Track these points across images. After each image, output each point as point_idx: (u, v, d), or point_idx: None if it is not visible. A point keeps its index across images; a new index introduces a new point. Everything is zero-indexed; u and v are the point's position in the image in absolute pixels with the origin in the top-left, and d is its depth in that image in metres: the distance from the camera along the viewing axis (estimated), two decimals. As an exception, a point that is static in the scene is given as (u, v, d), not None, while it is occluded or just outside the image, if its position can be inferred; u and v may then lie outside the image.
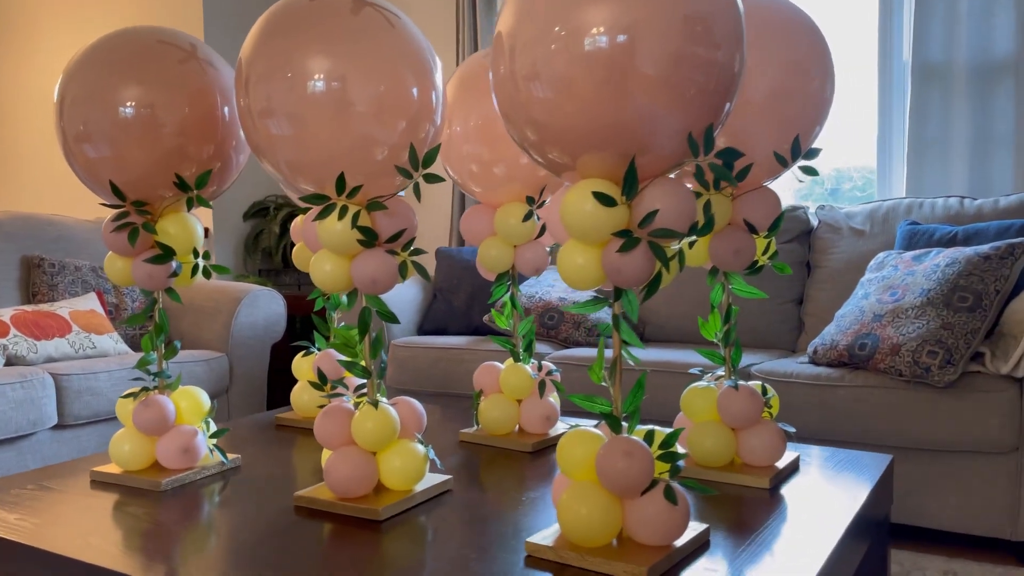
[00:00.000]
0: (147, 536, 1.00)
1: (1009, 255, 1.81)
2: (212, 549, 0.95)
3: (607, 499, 0.89)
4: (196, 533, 1.01)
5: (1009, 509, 1.76)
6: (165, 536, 1.00)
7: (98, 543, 0.98)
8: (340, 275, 1.10)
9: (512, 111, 0.94)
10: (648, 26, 0.84)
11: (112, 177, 1.20)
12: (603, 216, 0.86)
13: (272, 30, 1.08)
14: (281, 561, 0.91)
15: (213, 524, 1.04)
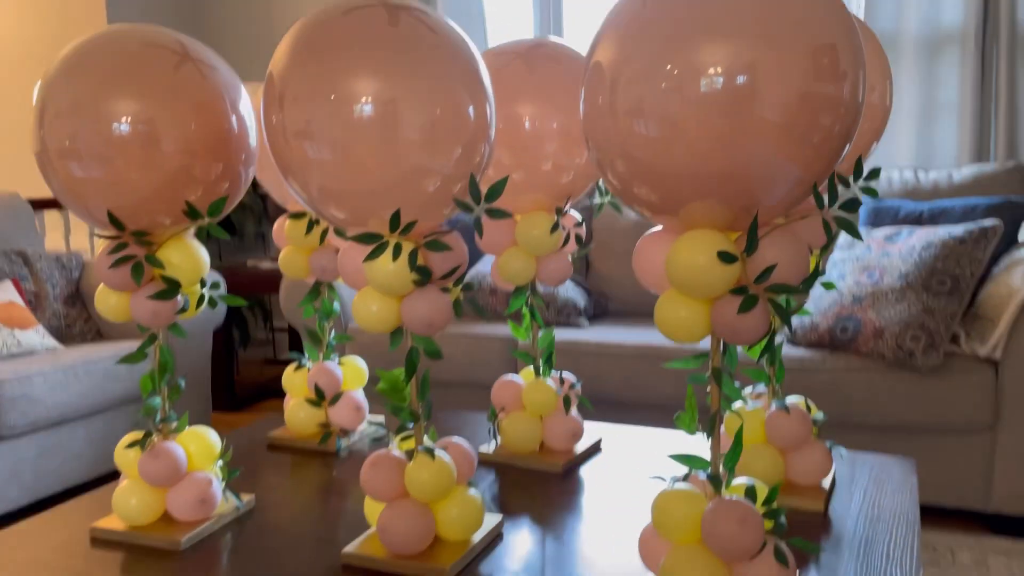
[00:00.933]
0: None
1: (982, 238, 1.86)
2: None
3: (716, 564, 0.86)
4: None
5: (984, 483, 1.85)
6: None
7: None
8: (390, 316, 1.00)
9: (605, 142, 0.86)
10: (771, 65, 0.77)
11: (106, 202, 1.04)
12: (719, 273, 0.80)
13: (310, 46, 0.94)
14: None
15: (267, 600, 0.95)
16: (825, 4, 0.80)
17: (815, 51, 0.77)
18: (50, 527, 1.17)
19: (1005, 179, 2.29)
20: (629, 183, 0.86)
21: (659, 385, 2.10)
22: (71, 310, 2.43)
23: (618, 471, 1.31)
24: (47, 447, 2.07)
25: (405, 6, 0.98)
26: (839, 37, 0.79)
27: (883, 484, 1.24)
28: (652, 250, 0.89)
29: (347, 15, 0.96)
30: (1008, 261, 1.94)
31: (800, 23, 0.78)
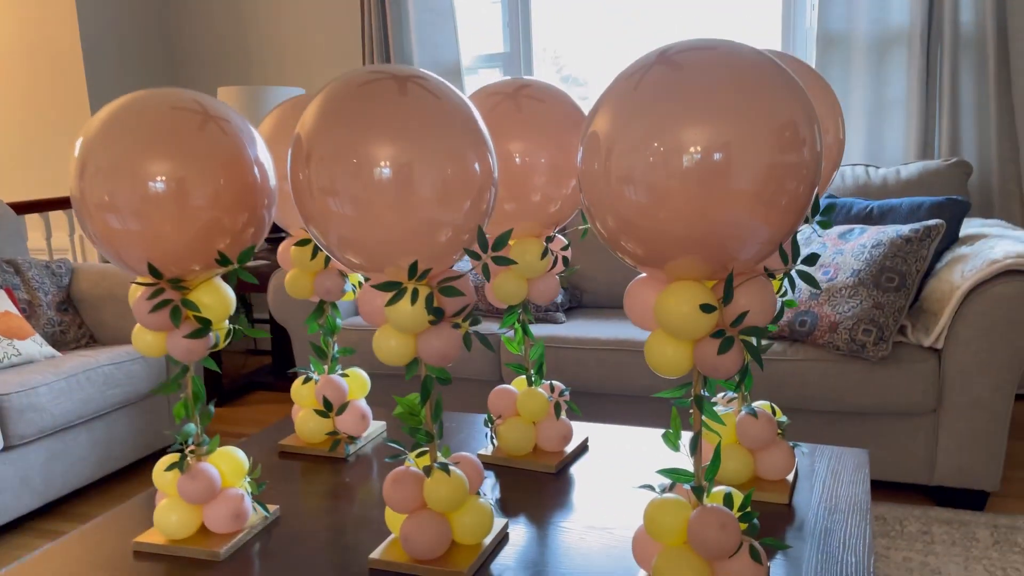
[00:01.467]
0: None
1: (926, 237, 2.03)
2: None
3: (701, 563, 1.00)
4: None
5: (927, 460, 2.04)
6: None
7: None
8: (406, 351, 1.13)
9: (598, 201, 0.98)
10: (742, 143, 0.90)
11: (141, 252, 1.14)
12: (701, 321, 0.94)
13: (333, 113, 1.05)
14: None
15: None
16: (783, 85, 0.93)
17: (779, 128, 0.91)
18: (90, 543, 1.29)
19: (948, 174, 2.47)
20: (618, 237, 0.99)
21: (635, 377, 2.26)
22: (64, 317, 2.50)
23: (605, 469, 1.46)
24: (54, 453, 2.16)
25: (410, 76, 1.09)
26: (797, 111, 0.92)
27: (839, 475, 1.40)
28: (641, 295, 1.02)
29: (362, 87, 1.07)
30: (949, 257, 2.12)
31: (765, 106, 0.91)
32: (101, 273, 2.60)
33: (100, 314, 2.56)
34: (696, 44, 0.97)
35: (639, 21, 3.37)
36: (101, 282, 2.58)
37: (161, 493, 1.29)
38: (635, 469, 1.45)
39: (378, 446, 1.63)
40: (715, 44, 0.97)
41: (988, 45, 2.60)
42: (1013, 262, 1.88)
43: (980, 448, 1.98)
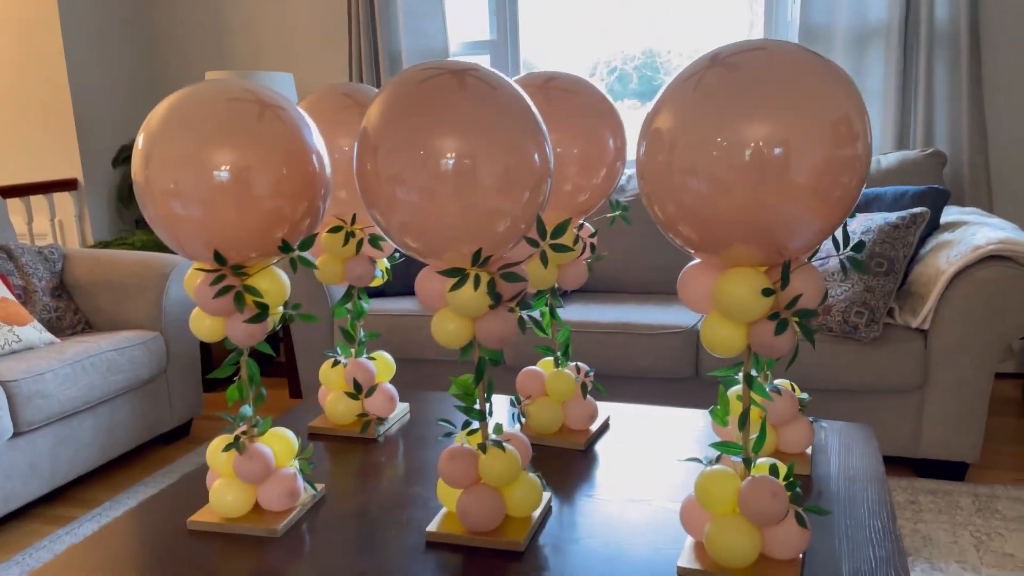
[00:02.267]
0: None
1: (912, 224, 2.15)
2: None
3: (751, 529, 1.08)
4: (344, 574, 1.10)
5: (913, 433, 2.16)
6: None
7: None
8: (464, 334, 1.18)
9: (658, 189, 1.05)
10: (801, 139, 0.97)
11: (204, 238, 1.17)
12: (760, 304, 1.01)
13: (399, 108, 1.10)
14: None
15: (348, 566, 1.13)
16: (838, 80, 1.00)
17: (835, 123, 0.98)
18: (143, 522, 1.31)
19: (925, 164, 2.60)
20: (676, 223, 1.06)
21: (635, 358, 2.34)
22: (59, 303, 2.49)
23: (630, 445, 1.53)
24: (60, 438, 2.15)
25: (466, 70, 1.14)
26: (851, 107, 1.00)
27: (851, 448, 1.50)
28: (696, 280, 1.09)
29: (423, 84, 1.11)
30: (933, 243, 2.24)
31: (821, 101, 0.98)
32: (94, 259, 2.58)
33: (95, 300, 2.55)
34: (746, 46, 1.03)
35: (623, 12, 3.43)
36: (95, 268, 2.56)
37: (213, 473, 1.33)
38: (658, 445, 1.53)
39: (404, 426, 1.68)
40: (764, 44, 1.04)
41: (961, 40, 2.73)
42: (995, 248, 2.00)
43: (962, 423, 2.11)
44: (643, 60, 3.53)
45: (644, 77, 3.56)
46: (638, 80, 3.55)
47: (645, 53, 3.51)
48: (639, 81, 3.55)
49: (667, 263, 2.78)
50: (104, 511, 2.16)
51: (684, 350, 2.30)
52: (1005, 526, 1.93)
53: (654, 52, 3.50)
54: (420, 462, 1.50)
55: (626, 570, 1.11)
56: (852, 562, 1.11)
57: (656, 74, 3.53)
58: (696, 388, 2.37)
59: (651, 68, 3.55)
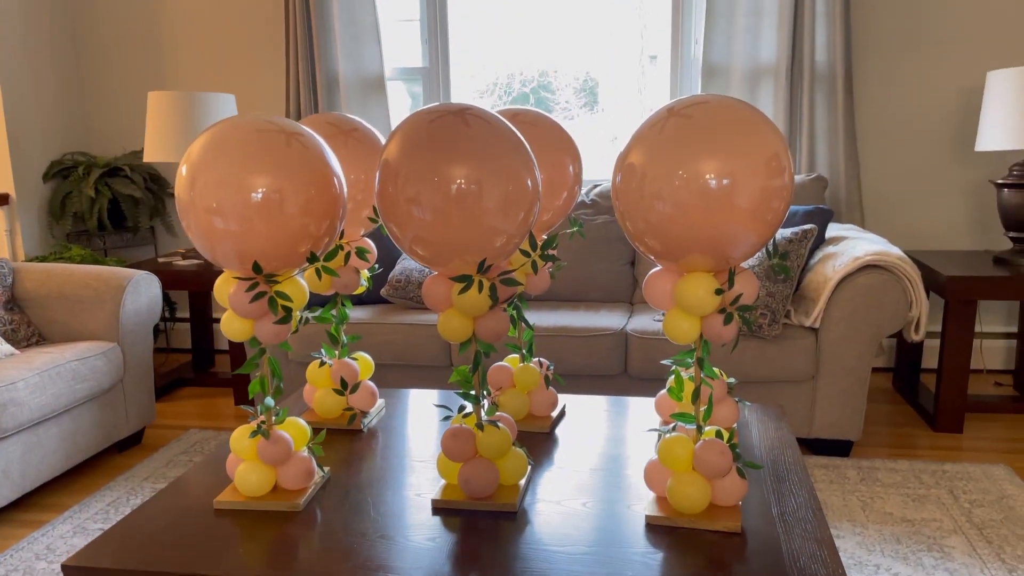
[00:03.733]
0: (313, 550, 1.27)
1: (804, 238, 2.51)
2: (378, 548, 1.27)
3: (704, 482, 1.36)
4: (359, 540, 1.30)
5: (807, 417, 2.52)
6: (347, 544, 1.28)
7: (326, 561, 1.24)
8: (466, 330, 1.41)
9: (632, 209, 1.31)
10: (743, 172, 1.26)
11: (239, 250, 1.36)
12: (713, 301, 1.29)
13: (415, 143, 1.32)
14: (449, 550, 1.26)
15: (373, 527, 1.33)
16: (767, 125, 1.30)
17: (767, 159, 1.27)
18: (168, 506, 1.47)
19: (811, 187, 3.00)
20: (644, 236, 1.33)
21: (571, 357, 2.61)
22: (13, 315, 2.54)
23: (584, 427, 1.79)
24: (29, 445, 2.23)
25: (464, 110, 1.37)
26: (779, 146, 1.29)
27: (767, 424, 1.81)
28: (660, 283, 1.36)
29: (432, 123, 1.34)
30: (821, 255, 2.62)
31: (756, 142, 1.27)
32: (46, 273, 2.65)
33: (48, 312, 2.61)
34: (693, 100, 1.32)
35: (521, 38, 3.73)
36: (47, 282, 2.63)
37: (235, 458, 1.50)
38: (607, 426, 1.80)
39: (383, 418, 1.89)
40: (707, 99, 1.32)
41: (837, 80, 3.16)
42: (872, 258, 2.38)
43: (847, 407, 2.48)
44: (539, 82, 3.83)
45: (539, 98, 3.87)
46: (534, 101, 3.85)
47: (541, 74, 3.82)
48: (536, 103, 3.86)
49: (594, 274, 3.07)
50: (74, 514, 2.25)
51: (615, 350, 2.59)
52: (884, 491, 2.30)
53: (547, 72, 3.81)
54: (403, 446, 1.71)
55: (602, 522, 1.37)
56: (779, 507, 1.40)
57: (552, 94, 3.85)
58: (625, 383, 2.66)
59: (547, 88, 3.86)
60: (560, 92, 3.86)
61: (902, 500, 2.24)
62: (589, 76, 3.81)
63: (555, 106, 3.86)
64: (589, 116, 3.89)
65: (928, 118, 3.36)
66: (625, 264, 3.09)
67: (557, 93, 3.86)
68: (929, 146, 3.39)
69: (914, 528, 2.09)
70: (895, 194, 3.43)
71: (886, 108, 3.37)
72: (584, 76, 3.82)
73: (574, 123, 3.91)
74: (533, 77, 3.82)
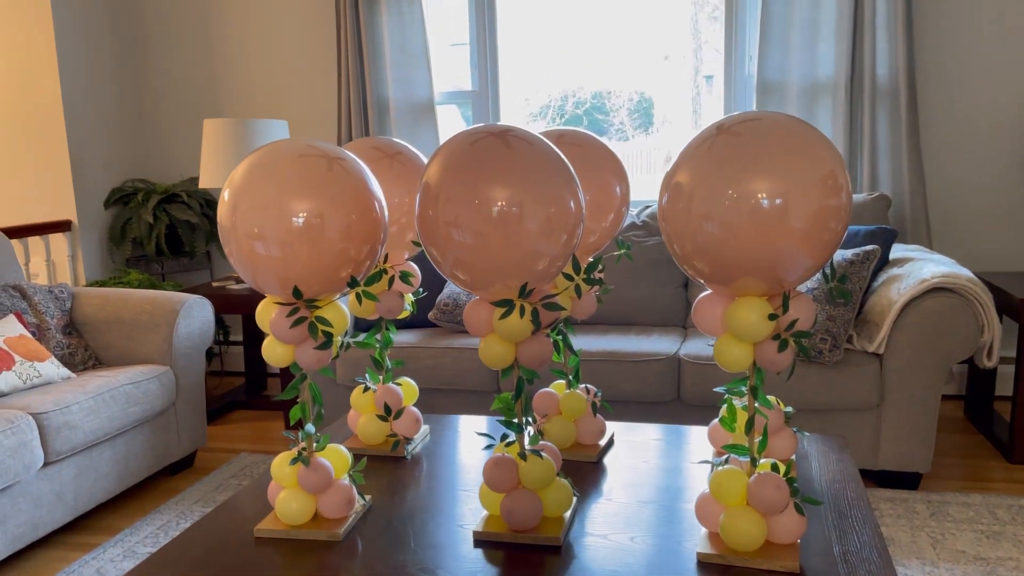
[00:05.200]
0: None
1: (866, 259, 2.41)
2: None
3: (759, 518, 1.29)
4: (406, 570, 1.26)
5: (872, 447, 2.41)
6: None
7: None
8: (508, 356, 1.37)
9: (679, 231, 1.26)
10: (797, 191, 1.19)
11: (280, 275, 1.34)
12: (766, 327, 1.23)
13: (455, 166, 1.29)
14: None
15: (412, 560, 1.29)
16: (822, 142, 1.23)
17: (823, 178, 1.20)
18: (209, 532, 1.45)
19: (873, 206, 2.89)
20: (692, 258, 1.27)
21: (622, 383, 2.54)
22: (71, 339, 2.59)
23: (633, 456, 1.73)
24: (82, 468, 2.26)
25: (506, 131, 1.34)
26: (835, 164, 1.23)
27: (828, 456, 1.72)
28: (710, 308, 1.30)
29: (473, 145, 1.31)
30: (885, 277, 2.51)
31: (811, 160, 1.20)
32: (104, 297, 2.70)
33: (105, 336, 2.66)
34: (744, 117, 1.26)
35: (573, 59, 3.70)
36: (105, 306, 2.67)
37: (276, 486, 1.47)
38: (657, 456, 1.73)
39: (427, 444, 1.85)
40: (759, 115, 1.27)
41: (900, 95, 3.05)
42: (939, 281, 2.27)
43: (915, 437, 2.36)
44: (593, 103, 3.79)
45: (593, 120, 3.83)
46: (588, 123, 3.81)
47: (594, 96, 3.78)
48: (589, 124, 3.82)
49: (645, 297, 3.00)
50: (125, 537, 2.26)
51: (667, 375, 2.51)
52: (956, 527, 2.17)
53: (602, 95, 3.77)
54: (447, 474, 1.67)
55: (651, 559, 1.30)
56: (841, 545, 1.32)
57: (607, 116, 3.80)
58: (678, 410, 2.58)
59: (601, 111, 3.82)
60: (614, 113, 3.83)
61: (975, 537, 2.11)
62: (644, 96, 3.77)
63: (609, 127, 3.82)
64: (644, 137, 3.85)
65: (998, 132, 3.22)
66: (678, 287, 3.02)
67: (611, 115, 3.82)
68: (1000, 161, 3.24)
69: (988, 568, 1.96)
70: (964, 213, 3.29)
71: (952, 122, 3.24)
72: (638, 97, 3.77)
73: (628, 144, 3.86)
74: (587, 99, 3.79)
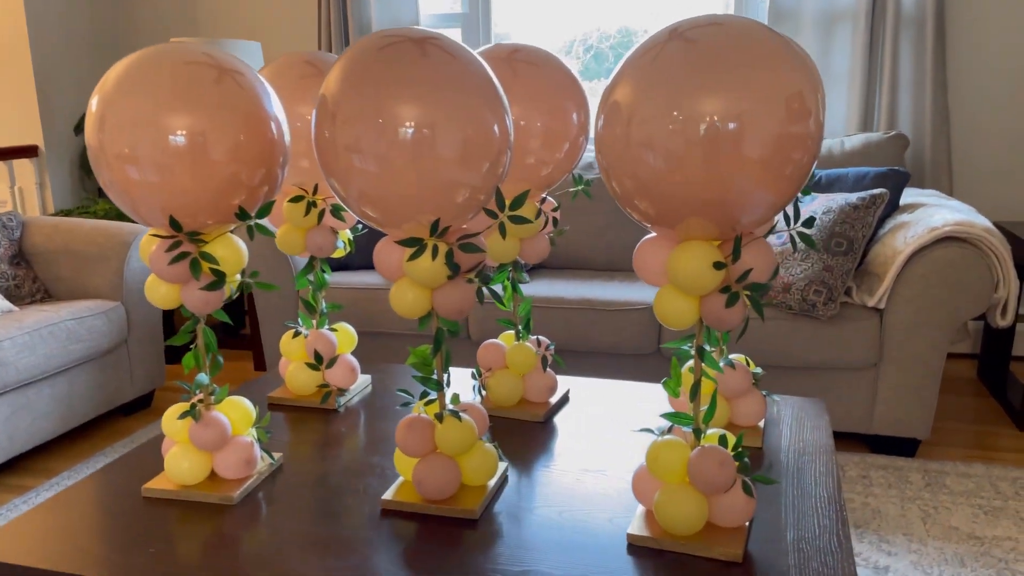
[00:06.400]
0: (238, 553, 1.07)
1: (872, 205, 2.18)
2: (312, 554, 1.06)
3: (699, 498, 1.11)
4: (293, 542, 1.10)
5: (867, 410, 2.21)
6: (258, 549, 1.08)
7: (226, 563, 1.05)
8: (423, 304, 1.18)
9: (617, 163, 1.05)
10: (755, 114, 0.98)
11: (160, 204, 1.16)
12: (712, 277, 1.03)
13: (358, 76, 1.09)
14: (390, 562, 1.05)
15: (305, 533, 1.13)
16: (793, 57, 1.01)
17: (787, 99, 0.99)
18: (98, 489, 1.31)
19: (888, 146, 2.63)
20: (632, 197, 1.07)
21: (598, 335, 2.36)
22: (18, 271, 2.45)
23: (586, 417, 1.55)
24: (17, 407, 2.13)
25: (427, 38, 1.13)
26: (805, 84, 1.01)
27: (803, 422, 1.53)
28: (652, 253, 1.10)
29: (382, 51, 1.11)
30: (892, 224, 2.27)
31: (776, 77, 0.99)
32: (54, 227, 2.54)
33: (55, 268, 2.51)
34: (704, 21, 1.04)
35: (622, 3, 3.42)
36: (55, 236, 2.52)
37: (170, 440, 1.32)
38: (615, 417, 1.55)
39: (365, 398, 1.69)
40: (722, 19, 1.04)
41: (927, 24, 2.76)
42: (952, 229, 2.04)
43: (914, 400, 2.16)
44: (619, 39, 3.53)
45: (620, 56, 3.56)
46: (614, 59, 3.55)
47: (620, 32, 3.51)
48: (615, 60, 3.55)
49: (632, 241, 2.80)
50: (61, 480, 2.15)
51: (647, 326, 2.32)
52: (952, 500, 1.98)
53: (630, 31, 3.50)
54: (380, 433, 1.51)
55: (578, 538, 1.13)
56: (797, 531, 1.14)
57: (626, 52, 3.54)
58: (659, 364, 2.40)
59: (626, 47, 3.55)
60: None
61: (972, 512, 1.93)
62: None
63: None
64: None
65: (1034, 70, 2.92)
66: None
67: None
68: (1034, 102, 2.95)
69: (983, 547, 1.78)
70: (990, 158, 3.01)
71: (982, 61, 2.95)
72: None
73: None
74: (611, 34, 3.51)
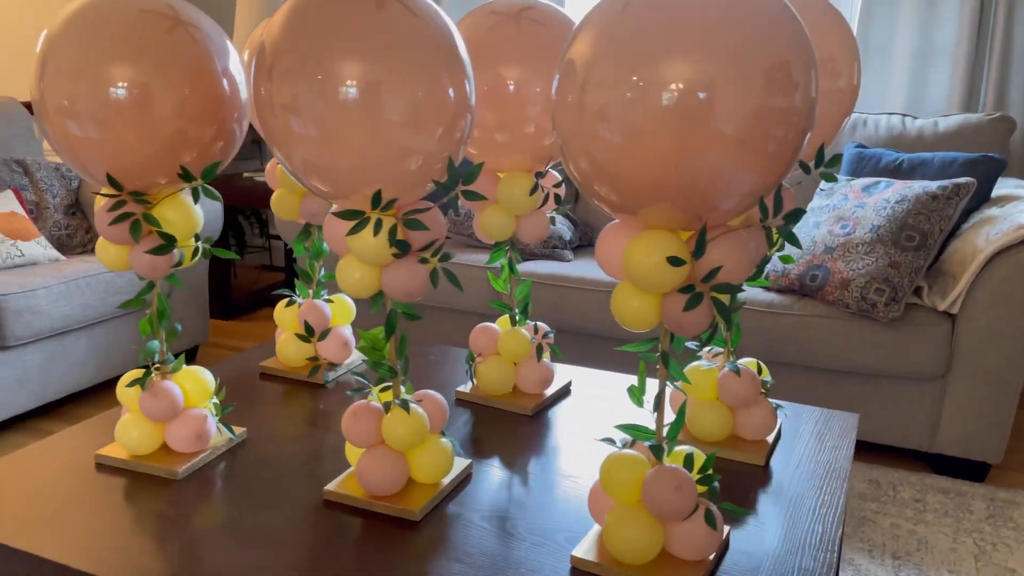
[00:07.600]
0: (168, 534, 1.01)
1: (954, 195, 1.92)
2: (240, 543, 0.98)
3: (652, 523, 0.96)
4: (226, 527, 1.02)
5: (930, 426, 1.97)
6: (188, 531, 1.01)
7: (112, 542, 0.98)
8: (370, 283, 1.08)
9: (570, 137, 0.91)
10: (729, 82, 0.82)
11: (102, 161, 1.10)
12: (668, 273, 0.88)
13: (299, 24, 0.98)
14: (318, 559, 0.95)
15: (240, 518, 1.06)
16: (780, 21, 0.84)
17: (769, 68, 0.82)
18: (53, 453, 1.28)
19: (990, 129, 2.33)
20: (591, 180, 0.92)
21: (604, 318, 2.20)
22: (71, 220, 2.50)
23: (583, 414, 1.42)
24: (52, 355, 2.17)
25: (391, -13, 1.01)
26: (794, 53, 0.84)
27: (823, 439, 1.35)
28: (612, 242, 0.96)
29: (335, -2, 1.00)
30: (978, 218, 2.00)
31: (756, 42, 0.82)
32: (109, 179, 2.58)
33: (106, 220, 2.55)
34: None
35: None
36: (109, 188, 2.56)
37: (124, 408, 1.28)
38: (614, 417, 1.41)
39: (356, 393, 1.60)
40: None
41: (1050, -8, 2.42)
42: (1043, 228, 1.77)
43: (986, 419, 1.91)
44: None
45: None
46: None
47: None
48: None
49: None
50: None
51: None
52: (1016, 537, 1.74)
53: None
54: (356, 413, 1.42)
55: (519, 553, 1.02)
56: (771, 572, 0.98)
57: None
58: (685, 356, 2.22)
59: None
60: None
61: (1039, 553, 1.68)
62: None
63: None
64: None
65: None
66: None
67: None
68: None
69: (1043, 597, 1.55)
70: (1120, 147, 2.64)
71: (1121, 32, 2.56)
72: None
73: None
74: None
